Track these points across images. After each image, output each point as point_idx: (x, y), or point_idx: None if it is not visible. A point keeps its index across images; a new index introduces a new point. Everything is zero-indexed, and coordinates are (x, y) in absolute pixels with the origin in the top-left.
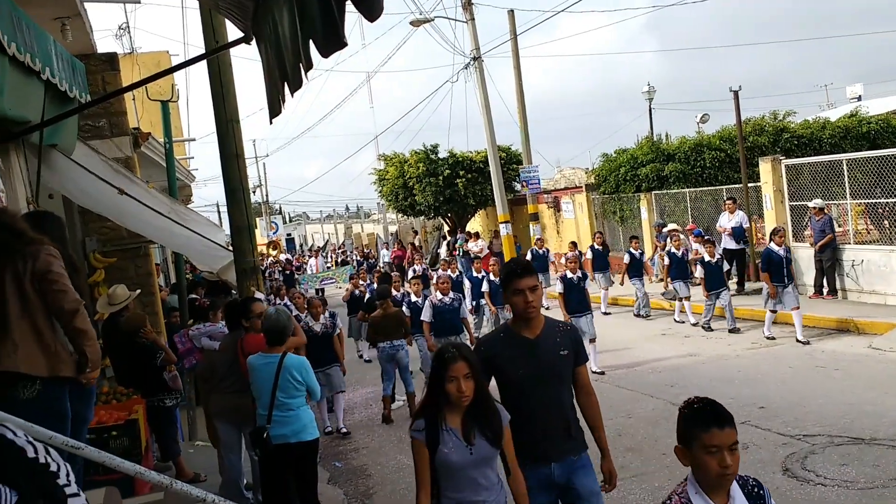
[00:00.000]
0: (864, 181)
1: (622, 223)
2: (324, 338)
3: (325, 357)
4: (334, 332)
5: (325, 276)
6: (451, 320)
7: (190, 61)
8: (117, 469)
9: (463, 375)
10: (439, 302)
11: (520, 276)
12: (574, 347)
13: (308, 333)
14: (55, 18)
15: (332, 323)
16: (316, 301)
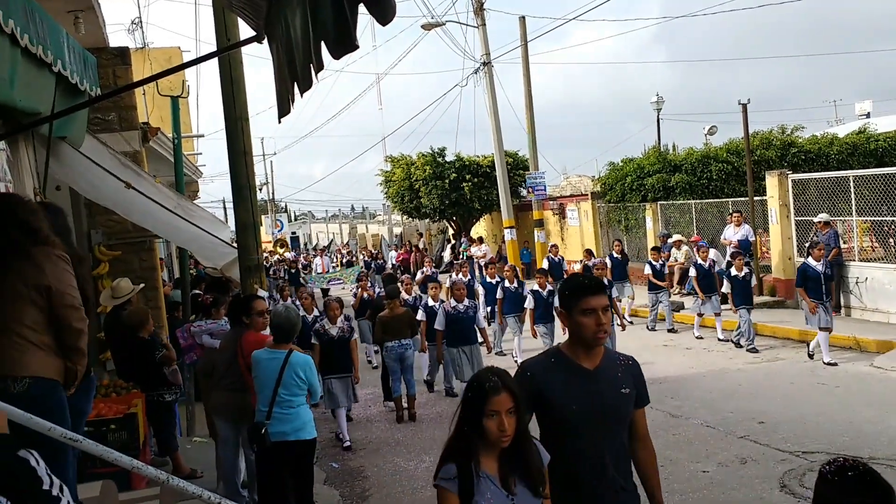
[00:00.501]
0: (871, 198)
1: (627, 232)
2: (340, 342)
3: (342, 363)
4: (351, 336)
5: (333, 277)
6: (465, 329)
7: (201, 58)
8: (115, 463)
9: (506, 410)
10: (453, 309)
11: (592, 293)
12: (636, 385)
13: (324, 337)
14: (69, 11)
15: (350, 327)
16: (333, 303)
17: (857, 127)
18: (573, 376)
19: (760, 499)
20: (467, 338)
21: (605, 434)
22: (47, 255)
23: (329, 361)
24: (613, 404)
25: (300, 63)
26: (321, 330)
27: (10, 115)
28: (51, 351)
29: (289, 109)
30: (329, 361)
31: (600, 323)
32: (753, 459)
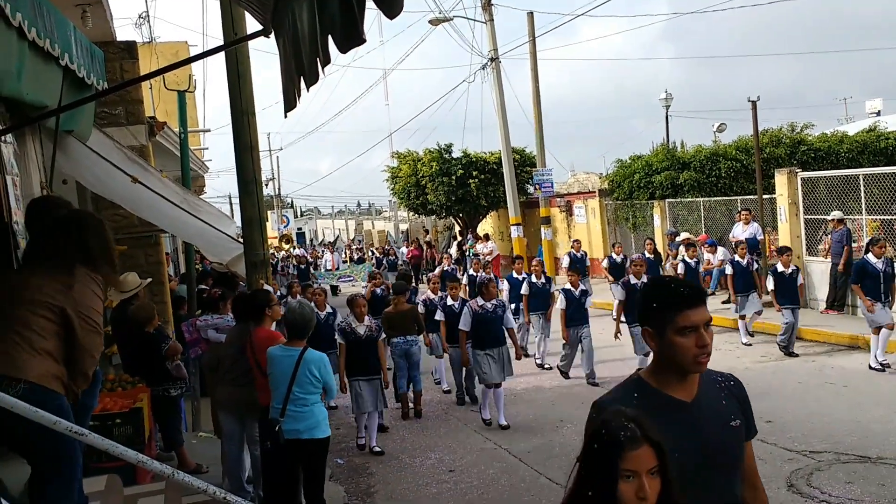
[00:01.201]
0: (881, 197)
1: (634, 230)
2: (368, 342)
3: (370, 364)
4: (379, 335)
5: (342, 274)
6: (494, 330)
7: (208, 52)
8: (120, 457)
9: (647, 471)
10: (480, 308)
11: (691, 305)
12: (744, 412)
13: (350, 337)
14: (76, 5)
15: (378, 325)
16: (360, 299)
17: (868, 125)
18: (667, 414)
19: (768, 498)
20: (496, 338)
21: (717, 485)
22: (82, 276)
23: (356, 363)
24: (722, 443)
25: (307, 57)
26: (347, 328)
27: (17, 109)
28: (52, 359)
29: (295, 104)
30: (356, 363)
31: (703, 344)
32: (761, 459)
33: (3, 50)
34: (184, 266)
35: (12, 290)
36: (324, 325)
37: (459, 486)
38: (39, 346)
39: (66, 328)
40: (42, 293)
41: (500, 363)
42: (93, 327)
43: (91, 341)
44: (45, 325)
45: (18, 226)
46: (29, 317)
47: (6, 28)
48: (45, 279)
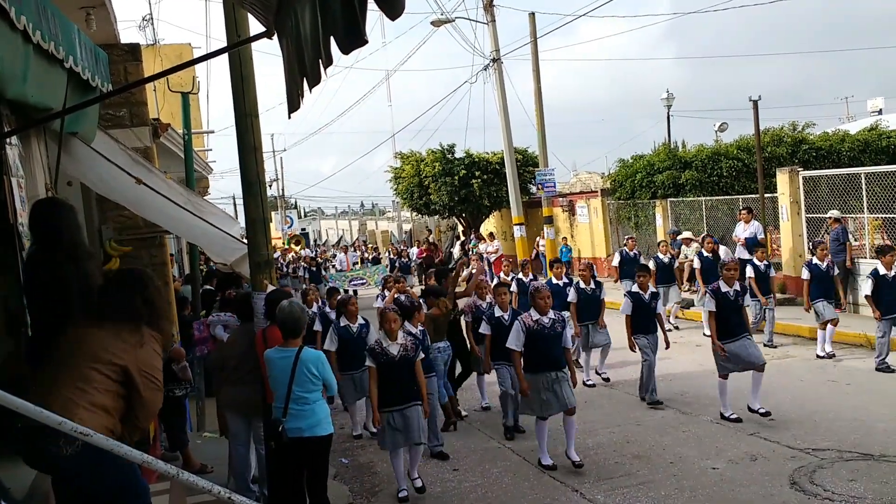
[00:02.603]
0: (883, 195)
1: (637, 229)
2: (403, 364)
3: (406, 390)
4: (416, 355)
5: (355, 276)
6: (551, 350)
7: (211, 54)
8: (125, 457)
9: None
10: (535, 324)
11: None
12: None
13: (381, 359)
14: (80, 8)
15: (415, 343)
16: (391, 314)
17: (869, 124)
18: None
19: (770, 496)
20: (555, 360)
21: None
22: (147, 335)
23: (389, 389)
24: None
25: (309, 58)
26: (377, 349)
27: (22, 111)
28: (108, 414)
29: (298, 105)
30: (389, 389)
31: None
32: (763, 456)
33: (7, 53)
34: (188, 267)
35: (76, 343)
36: (356, 339)
37: (463, 486)
38: (97, 401)
39: (127, 386)
40: (107, 350)
41: (560, 389)
42: (156, 385)
43: (153, 398)
44: (104, 382)
45: (24, 227)
46: (90, 373)
47: (11, 31)
48: (110, 336)
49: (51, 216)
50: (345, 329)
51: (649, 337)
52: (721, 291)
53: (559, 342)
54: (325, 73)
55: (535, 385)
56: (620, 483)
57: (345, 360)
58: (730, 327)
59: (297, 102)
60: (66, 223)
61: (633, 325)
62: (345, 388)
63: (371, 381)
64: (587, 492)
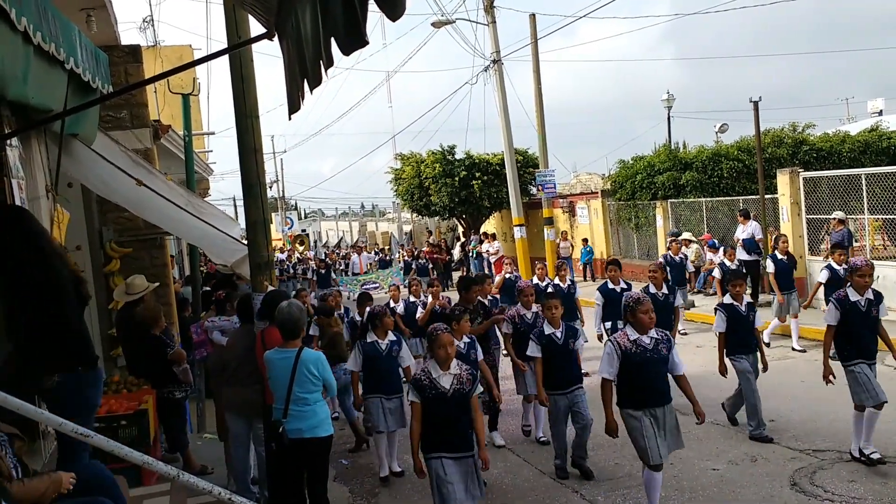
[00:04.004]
0: (883, 196)
1: (637, 230)
2: (457, 401)
3: (457, 435)
4: (473, 389)
5: (368, 280)
6: (655, 378)
7: (212, 55)
8: (125, 458)
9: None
10: (633, 345)
11: None
12: None
13: (429, 393)
14: (81, 9)
15: (471, 373)
16: (444, 336)
17: (870, 125)
18: None
19: (770, 497)
20: (661, 392)
21: None
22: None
23: (440, 431)
24: None
25: (310, 59)
26: (425, 380)
27: (22, 112)
28: None
29: (299, 106)
30: (440, 431)
31: None
32: (763, 458)
33: (8, 54)
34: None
35: None
36: (384, 359)
37: None
38: None
39: None
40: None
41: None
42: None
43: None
44: None
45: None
46: None
47: (11, 32)
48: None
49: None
50: (372, 346)
51: (750, 357)
52: (850, 301)
53: (664, 367)
54: (325, 74)
55: (636, 425)
56: (620, 484)
57: (371, 381)
58: (862, 345)
59: (297, 104)
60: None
61: (728, 343)
62: (373, 414)
63: (414, 420)
64: (587, 492)
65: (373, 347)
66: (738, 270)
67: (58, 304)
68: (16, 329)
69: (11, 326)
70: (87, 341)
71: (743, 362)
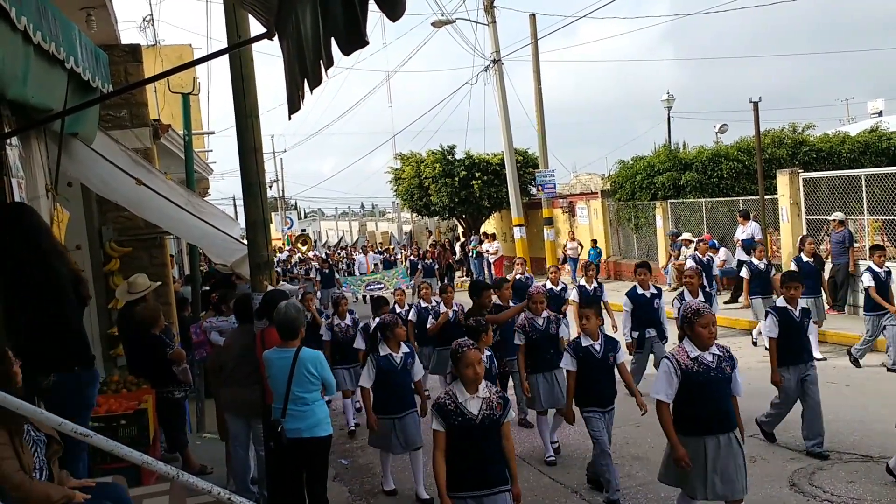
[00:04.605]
0: (883, 197)
1: (637, 231)
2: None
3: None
4: (504, 415)
5: (372, 280)
6: (719, 401)
7: (212, 55)
8: (125, 458)
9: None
10: (694, 363)
11: None
12: None
13: (455, 420)
14: (81, 9)
15: (501, 397)
16: (473, 353)
17: (870, 125)
18: None
19: (770, 497)
20: (725, 417)
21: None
22: None
23: (464, 463)
24: None
25: (310, 59)
26: (450, 405)
27: (22, 112)
28: None
29: (299, 106)
30: (464, 463)
31: None
32: (763, 458)
33: (8, 53)
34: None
35: None
36: (399, 373)
37: None
38: None
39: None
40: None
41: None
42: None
43: None
44: None
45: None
46: None
47: (11, 32)
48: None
49: (23, 219)
50: (386, 360)
51: (800, 367)
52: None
53: (727, 388)
54: (325, 74)
55: (695, 456)
56: (620, 484)
57: (383, 398)
58: None
59: (297, 103)
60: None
61: (781, 350)
62: (382, 439)
63: (437, 451)
64: (587, 493)
65: (387, 361)
66: (793, 272)
67: (57, 303)
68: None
69: (11, 326)
70: (86, 341)
71: (790, 375)
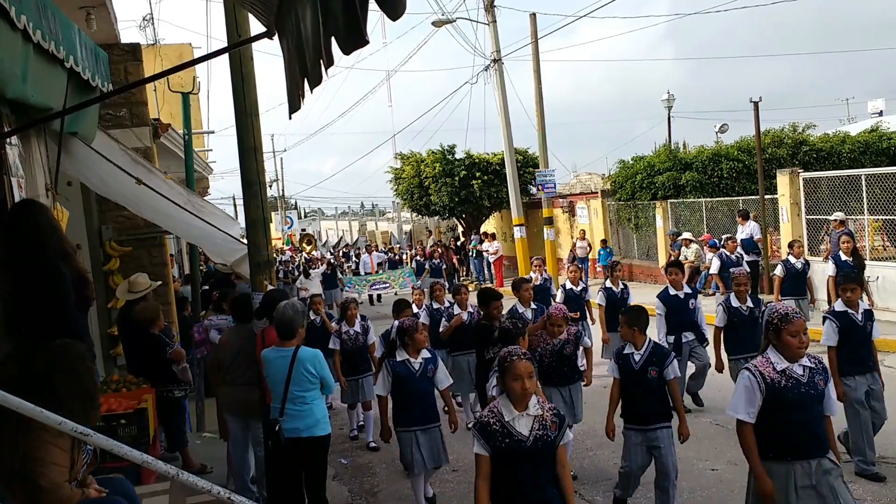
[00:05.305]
0: (883, 197)
1: (637, 230)
2: (539, 451)
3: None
4: (559, 436)
5: (377, 280)
6: (811, 422)
7: (212, 54)
8: (125, 457)
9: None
10: (780, 376)
11: None
12: None
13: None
14: (81, 8)
15: (556, 416)
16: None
17: (870, 125)
18: None
19: None
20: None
21: None
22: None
23: (511, 494)
24: None
25: (310, 59)
26: (494, 423)
27: (22, 111)
28: None
29: (299, 105)
30: (511, 494)
31: None
32: None
33: (8, 52)
34: (188, 267)
35: None
36: (418, 380)
37: (462, 486)
38: None
39: None
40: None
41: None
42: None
43: None
44: None
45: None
46: None
47: (11, 30)
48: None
49: (32, 218)
50: (403, 365)
51: (867, 377)
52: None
53: (819, 406)
54: (325, 73)
55: (781, 485)
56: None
57: (402, 409)
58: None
59: (297, 103)
60: (48, 223)
61: (843, 359)
62: (406, 452)
63: (479, 479)
64: (586, 493)
65: (404, 367)
66: (852, 273)
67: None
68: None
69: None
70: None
71: (855, 385)
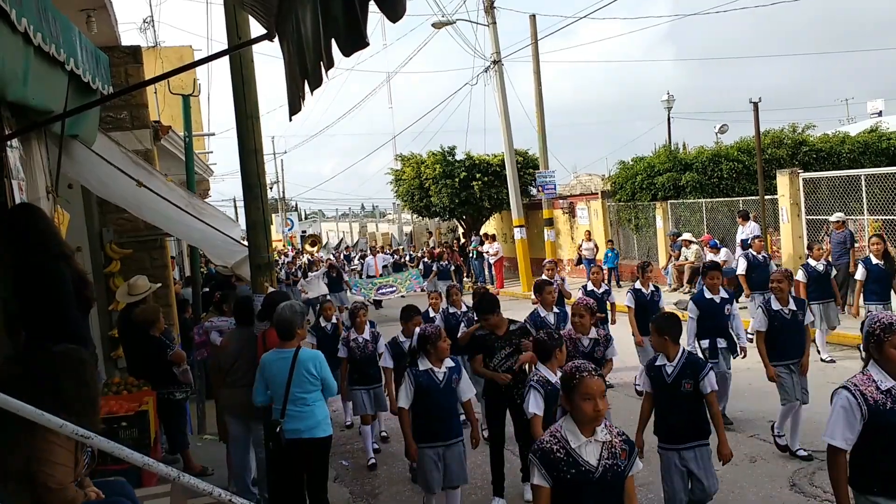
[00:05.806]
0: (882, 197)
1: (637, 231)
2: (609, 483)
3: None
4: (630, 465)
5: (383, 283)
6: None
7: (212, 56)
8: (126, 460)
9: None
10: (886, 397)
11: None
12: None
13: (567, 472)
14: (81, 10)
15: (626, 443)
16: (595, 384)
17: (869, 125)
18: None
19: (770, 497)
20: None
21: None
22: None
23: None
24: None
25: (311, 60)
26: (558, 451)
27: (22, 114)
28: None
29: (300, 107)
30: None
31: None
32: (763, 458)
33: (8, 55)
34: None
35: None
36: (442, 391)
37: (463, 488)
38: None
39: None
40: None
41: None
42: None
43: None
44: None
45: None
46: None
47: (11, 33)
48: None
49: (32, 220)
50: (427, 375)
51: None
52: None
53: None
54: (326, 75)
55: None
56: None
57: (424, 422)
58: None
59: (298, 105)
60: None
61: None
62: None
63: None
64: None
65: (428, 377)
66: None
67: (59, 304)
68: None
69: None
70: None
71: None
